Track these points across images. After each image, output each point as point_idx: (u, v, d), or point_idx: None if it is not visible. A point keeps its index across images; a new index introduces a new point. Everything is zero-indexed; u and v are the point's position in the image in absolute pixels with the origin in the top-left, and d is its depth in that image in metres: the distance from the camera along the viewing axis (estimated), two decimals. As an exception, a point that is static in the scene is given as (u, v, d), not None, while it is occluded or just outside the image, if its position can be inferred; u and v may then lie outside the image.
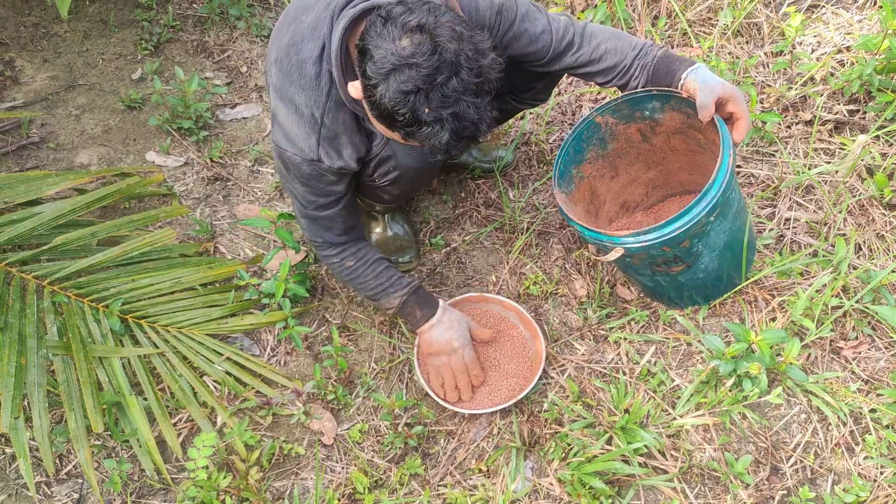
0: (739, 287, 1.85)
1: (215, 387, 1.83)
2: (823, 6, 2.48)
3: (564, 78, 2.44)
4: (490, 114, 1.35)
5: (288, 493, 1.68)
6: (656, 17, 2.49)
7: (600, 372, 1.82)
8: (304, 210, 1.65)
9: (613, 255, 1.62)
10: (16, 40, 2.58)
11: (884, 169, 2.03)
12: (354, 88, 1.40)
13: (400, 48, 1.26)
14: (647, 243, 1.56)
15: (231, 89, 2.51)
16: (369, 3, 1.41)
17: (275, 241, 2.11)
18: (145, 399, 1.74)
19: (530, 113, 2.37)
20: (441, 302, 1.78)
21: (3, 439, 1.75)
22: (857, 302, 1.79)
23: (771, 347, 1.68)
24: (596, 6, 2.41)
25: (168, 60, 2.57)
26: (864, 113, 2.19)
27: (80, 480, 1.70)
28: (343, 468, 1.72)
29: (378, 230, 2.04)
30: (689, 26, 2.45)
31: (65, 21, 2.63)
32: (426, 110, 1.28)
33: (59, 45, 2.60)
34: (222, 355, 1.83)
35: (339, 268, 1.73)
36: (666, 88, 1.60)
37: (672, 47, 2.45)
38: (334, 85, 1.48)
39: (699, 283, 1.78)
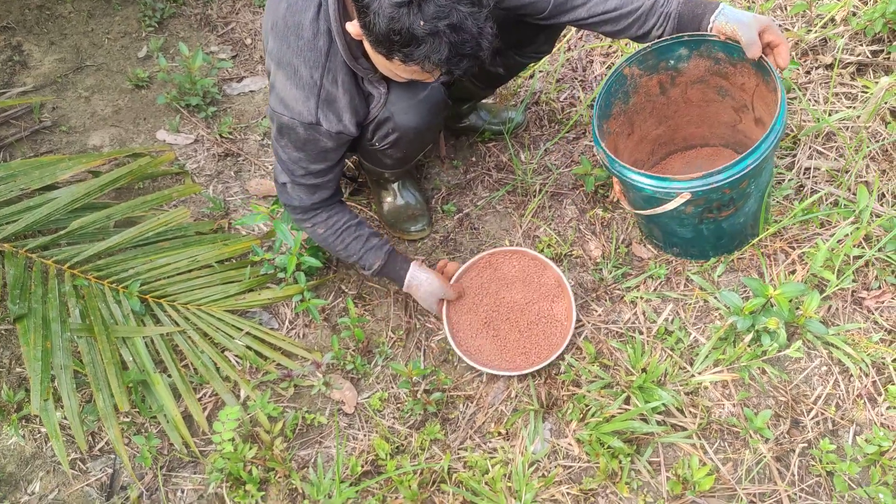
0: (760, 237, 1.83)
1: (237, 361, 1.86)
2: (844, -59, 2.36)
3: (574, 32, 2.38)
4: (491, 29, 1.32)
5: (312, 461, 1.72)
6: (667, -37, 2.40)
7: (617, 332, 1.82)
8: (291, 176, 1.64)
9: (673, 203, 1.58)
10: (21, 24, 2.59)
11: (908, 111, 1.96)
12: (353, 26, 1.39)
13: None
14: (716, 185, 1.54)
15: (236, 62, 2.50)
16: None
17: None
18: (169, 376, 1.78)
19: (540, 71, 2.32)
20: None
21: (38, 419, 1.81)
22: (879, 251, 1.75)
23: (790, 301, 1.65)
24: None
25: (173, 36, 2.56)
26: (889, 53, 2.10)
27: (112, 456, 1.76)
28: (365, 435, 1.75)
29: (389, 199, 2.04)
30: (702, -29, 2.36)
31: (68, 1, 2.62)
32: (421, 23, 1.26)
33: (64, 26, 2.59)
34: (242, 330, 1.86)
35: (311, 233, 1.75)
36: (699, 33, 1.61)
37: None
38: (333, 43, 1.48)
39: (738, 229, 1.78)
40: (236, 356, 1.87)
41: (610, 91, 1.73)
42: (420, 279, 1.77)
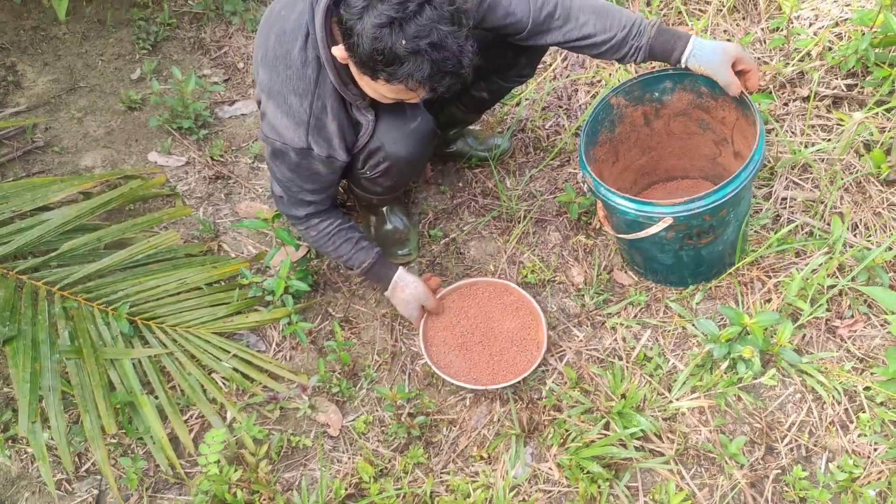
0: (737, 265, 1.88)
1: (224, 383, 1.89)
2: (821, -23, 2.44)
3: (560, 62, 2.44)
4: (472, 47, 1.37)
5: (297, 484, 1.74)
6: (651, -4, 2.47)
7: (598, 358, 1.86)
8: (287, 193, 1.71)
9: (655, 228, 1.63)
10: (16, 44, 2.62)
11: (881, 144, 2.02)
12: (338, 50, 1.44)
13: None
14: (696, 211, 1.59)
15: (228, 86, 2.54)
16: None
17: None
18: (157, 398, 1.80)
19: (526, 99, 2.37)
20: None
21: (24, 440, 1.82)
22: (851, 281, 1.80)
23: (765, 330, 1.70)
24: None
25: (166, 59, 2.60)
26: (862, 87, 2.17)
27: (98, 477, 1.77)
28: (349, 458, 1.77)
29: (377, 224, 2.07)
30: (684, 4, 2.43)
31: (63, 23, 2.66)
32: (402, 42, 1.31)
33: (58, 47, 2.63)
34: (229, 352, 1.89)
35: (304, 235, 1.83)
36: (683, 68, 1.66)
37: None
38: (323, 70, 1.53)
39: (717, 257, 1.83)
40: (223, 378, 1.89)
41: (597, 119, 1.79)
42: (406, 281, 1.82)
